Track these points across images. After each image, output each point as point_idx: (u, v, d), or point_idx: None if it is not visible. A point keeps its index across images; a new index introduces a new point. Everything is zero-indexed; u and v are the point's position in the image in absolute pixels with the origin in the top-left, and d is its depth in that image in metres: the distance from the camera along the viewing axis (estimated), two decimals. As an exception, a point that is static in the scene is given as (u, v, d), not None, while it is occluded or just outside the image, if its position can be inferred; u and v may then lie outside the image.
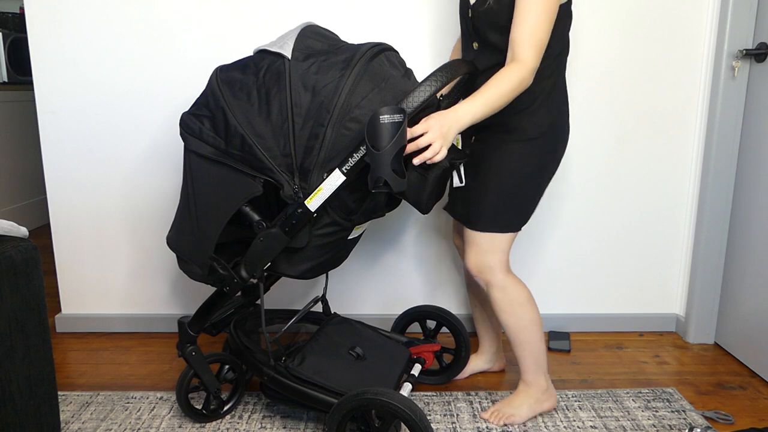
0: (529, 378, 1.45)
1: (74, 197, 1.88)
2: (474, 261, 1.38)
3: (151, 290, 1.96)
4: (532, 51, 1.18)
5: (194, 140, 1.21)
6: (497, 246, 1.36)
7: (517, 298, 1.38)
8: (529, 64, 1.19)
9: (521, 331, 1.40)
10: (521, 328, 1.40)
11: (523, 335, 1.40)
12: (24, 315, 1.06)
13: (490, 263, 1.37)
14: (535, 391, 1.45)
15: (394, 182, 1.07)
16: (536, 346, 1.42)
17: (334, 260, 1.32)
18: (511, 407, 1.45)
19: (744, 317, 1.77)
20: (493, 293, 1.39)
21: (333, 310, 1.96)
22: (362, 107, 1.14)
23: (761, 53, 1.68)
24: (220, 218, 1.21)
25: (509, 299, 1.38)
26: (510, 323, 1.40)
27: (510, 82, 1.18)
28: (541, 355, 1.43)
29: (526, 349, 1.42)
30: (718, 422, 1.47)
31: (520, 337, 1.41)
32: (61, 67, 1.80)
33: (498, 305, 1.39)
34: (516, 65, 1.19)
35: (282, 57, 1.17)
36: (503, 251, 1.37)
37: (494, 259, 1.37)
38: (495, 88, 1.18)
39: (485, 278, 1.38)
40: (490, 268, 1.37)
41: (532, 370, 1.44)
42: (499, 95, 1.17)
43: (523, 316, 1.39)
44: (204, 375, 1.40)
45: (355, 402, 1.22)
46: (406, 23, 1.78)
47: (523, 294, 1.39)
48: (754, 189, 1.73)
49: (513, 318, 1.39)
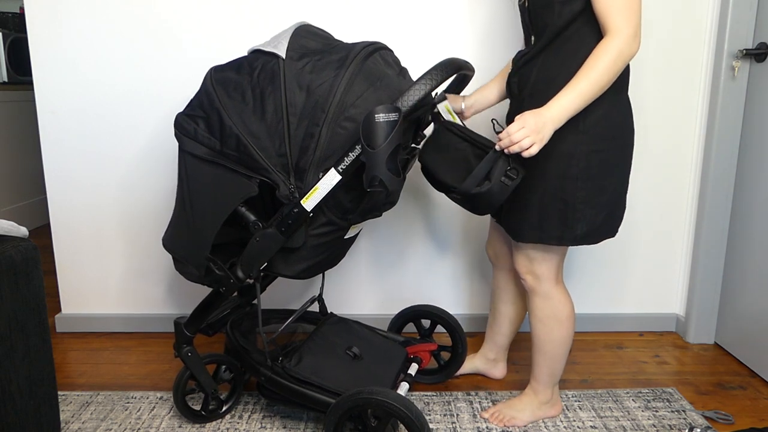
0: (539, 386, 1.43)
1: (74, 197, 1.89)
2: (521, 264, 1.33)
3: (152, 290, 1.97)
4: (623, 14, 1.07)
5: (189, 141, 1.21)
6: (544, 256, 1.29)
7: (557, 314, 1.32)
8: (623, 29, 1.07)
9: (548, 344, 1.36)
10: (550, 341, 1.36)
11: (548, 348, 1.36)
12: (24, 315, 1.06)
13: (536, 272, 1.30)
14: (541, 398, 1.44)
15: (390, 181, 1.07)
16: (558, 362, 1.38)
17: (330, 260, 1.32)
18: (514, 410, 1.44)
19: (744, 317, 1.76)
20: (535, 300, 1.33)
21: (329, 310, 1.96)
22: (357, 106, 1.14)
23: (761, 53, 1.67)
24: (216, 219, 1.21)
25: (549, 312, 1.33)
26: (540, 334, 1.36)
27: (606, 59, 1.07)
28: (558, 371, 1.40)
29: (547, 360, 1.38)
30: (718, 422, 1.46)
31: (545, 349, 1.37)
32: (61, 67, 1.80)
33: (535, 312, 1.34)
34: (608, 37, 1.08)
35: (276, 57, 1.17)
36: (551, 260, 1.29)
37: (541, 269, 1.29)
38: (589, 70, 1.08)
39: (530, 284, 1.33)
40: (536, 276, 1.31)
41: (544, 381, 1.42)
42: (595, 78, 1.08)
43: (556, 331, 1.34)
44: (200, 376, 1.40)
45: (351, 402, 1.22)
46: (403, 23, 1.78)
47: (565, 310, 1.33)
48: (754, 189, 1.72)
49: (545, 330, 1.35)
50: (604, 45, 1.09)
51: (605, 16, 1.09)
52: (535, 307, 1.35)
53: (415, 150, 1.37)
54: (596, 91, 1.10)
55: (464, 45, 1.80)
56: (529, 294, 1.35)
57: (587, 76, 1.09)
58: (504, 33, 1.80)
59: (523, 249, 1.31)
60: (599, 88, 1.10)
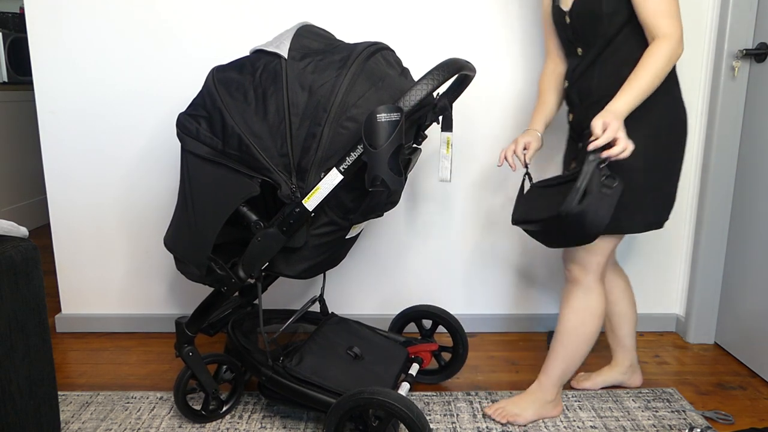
0: (546, 383, 1.43)
1: (74, 197, 1.89)
2: (570, 257, 1.35)
3: (152, 290, 1.96)
4: (670, 20, 1.16)
5: (191, 141, 1.21)
6: (597, 248, 1.31)
7: (594, 308, 1.35)
8: (673, 34, 1.16)
9: (575, 337, 1.37)
10: (578, 334, 1.36)
11: (573, 341, 1.37)
12: (24, 315, 1.06)
13: (586, 263, 1.34)
14: (545, 397, 1.44)
15: (392, 181, 1.07)
16: (576, 360, 1.39)
17: (331, 260, 1.32)
18: (518, 407, 1.44)
19: (744, 317, 1.76)
20: (575, 290, 1.36)
21: (330, 310, 1.96)
22: (359, 106, 1.14)
23: (761, 53, 1.67)
24: (218, 219, 1.21)
25: (587, 304, 1.35)
26: (570, 324, 1.37)
27: (659, 60, 1.16)
28: (572, 370, 1.41)
29: (566, 355, 1.39)
30: (718, 422, 1.46)
31: (569, 341, 1.38)
32: (61, 67, 1.80)
33: (572, 302, 1.36)
34: (659, 41, 1.17)
35: (278, 57, 1.18)
36: (603, 254, 1.33)
37: (592, 261, 1.33)
38: (644, 70, 1.16)
39: (575, 274, 1.35)
40: (585, 267, 1.34)
41: (555, 376, 1.42)
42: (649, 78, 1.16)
43: (587, 325, 1.36)
44: (201, 376, 1.40)
45: (352, 401, 1.22)
46: (404, 23, 1.78)
47: (601, 307, 1.36)
48: (754, 189, 1.72)
49: (578, 322, 1.36)
50: (657, 48, 1.17)
51: (653, 23, 1.18)
52: (573, 297, 1.36)
53: (417, 150, 1.37)
54: (650, 90, 1.18)
55: (465, 45, 1.81)
56: (570, 285, 1.37)
57: (643, 76, 1.17)
58: (505, 33, 1.80)
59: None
60: (653, 87, 1.18)
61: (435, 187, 1.89)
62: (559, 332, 1.40)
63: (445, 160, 1.31)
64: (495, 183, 1.90)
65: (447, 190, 1.90)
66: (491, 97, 1.84)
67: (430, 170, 1.88)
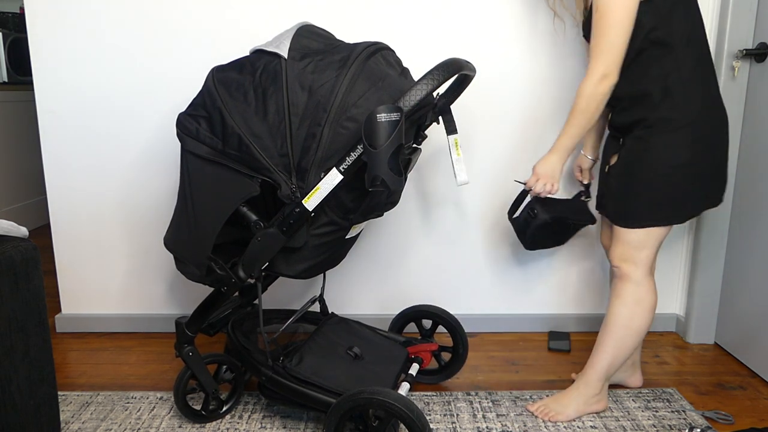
0: (593, 377, 1.43)
1: (74, 197, 1.89)
2: (619, 254, 1.37)
3: (152, 290, 1.96)
4: (598, 56, 1.26)
5: (191, 141, 1.21)
6: (646, 242, 1.34)
7: (645, 301, 1.37)
8: (593, 72, 1.27)
9: (625, 330, 1.37)
10: (628, 327, 1.37)
11: (623, 334, 1.38)
12: (24, 315, 1.06)
13: (635, 258, 1.35)
14: (589, 392, 1.44)
15: (392, 181, 1.07)
16: (625, 353, 1.40)
17: (331, 260, 1.32)
18: (560, 404, 1.45)
19: (744, 317, 1.76)
20: (627, 285, 1.37)
21: (330, 310, 1.96)
22: (359, 106, 1.14)
23: (761, 53, 1.67)
24: (218, 219, 1.21)
25: (638, 297, 1.36)
26: (621, 318, 1.38)
27: (580, 102, 1.29)
28: (619, 364, 1.41)
29: (615, 348, 1.39)
30: (718, 422, 1.46)
31: (619, 334, 1.38)
32: (61, 67, 1.80)
33: (623, 296, 1.37)
34: (584, 77, 1.28)
35: (278, 57, 1.18)
36: (652, 247, 1.35)
37: (641, 255, 1.35)
38: (572, 114, 1.31)
39: (625, 270, 1.36)
40: (634, 262, 1.36)
41: (602, 371, 1.41)
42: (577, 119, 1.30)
43: (638, 319, 1.37)
44: (201, 376, 1.40)
45: (352, 401, 1.22)
46: (404, 23, 1.78)
47: (652, 301, 1.37)
48: (754, 189, 1.72)
49: (628, 314, 1.37)
50: (580, 86, 1.30)
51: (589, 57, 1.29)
52: (624, 292, 1.37)
53: (417, 150, 1.37)
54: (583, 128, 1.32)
55: (465, 45, 1.81)
56: (619, 281, 1.38)
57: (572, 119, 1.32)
58: (508, 32, 1.80)
59: (625, 236, 1.36)
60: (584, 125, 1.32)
61: (435, 188, 1.90)
62: (609, 324, 1.40)
63: (458, 163, 1.32)
64: (495, 183, 1.90)
65: (447, 191, 1.90)
66: (491, 97, 1.84)
67: (430, 170, 1.88)
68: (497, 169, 1.89)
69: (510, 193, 1.90)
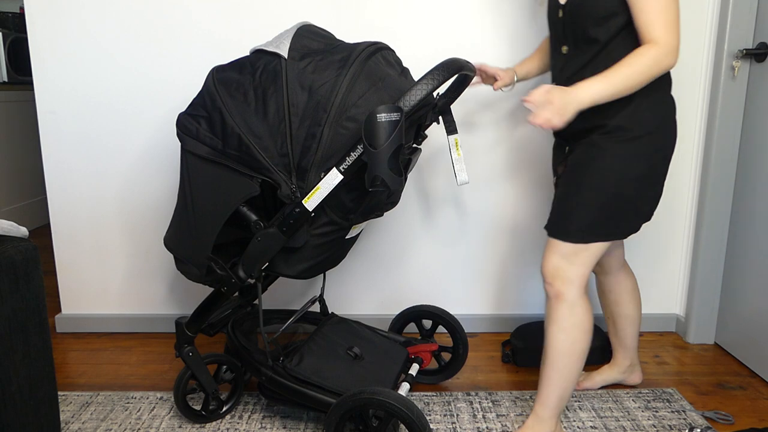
0: (545, 415, 1.31)
1: (74, 197, 1.89)
2: (552, 268, 1.26)
3: (152, 290, 1.96)
4: (667, 29, 1.11)
5: (191, 141, 1.21)
6: (583, 258, 1.24)
7: (582, 324, 1.26)
8: (666, 43, 1.11)
9: (567, 357, 1.27)
10: (570, 354, 1.27)
11: (567, 362, 1.27)
12: (24, 315, 1.06)
13: (569, 275, 1.25)
14: (544, 429, 1.32)
15: (392, 181, 1.07)
16: (572, 381, 1.29)
17: (331, 260, 1.32)
18: None
19: (744, 317, 1.76)
20: (559, 307, 1.26)
21: (330, 310, 1.96)
22: (359, 106, 1.14)
23: (761, 53, 1.67)
24: (218, 219, 1.21)
25: (574, 321, 1.26)
26: (561, 346, 1.27)
27: (643, 62, 1.11)
28: (569, 393, 1.30)
29: (560, 378, 1.28)
30: (718, 422, 1.46)
31: (562, 363, 1.27)
32: (61, 67, 1.80)
33: (559, 322, 1.26)
34: (650, 45, 1.12)
35: (278, 57, 1.18)
36: (588, 265, 1.25)
37: (575, 272, 1.24)
38: (625, 67, 1.12)
39: (558, 288, 1.25)
40: (568, 280, 1.25)
41: (552, 404, 1.30)
42: (628, 76, 1.12)
43: (579, 343, 1.26)
44: (201, 376, 1.40)
45: (352, 402, 1.21)
46: (404, 23, 1.78)
47: (588, 321, 1.27)
48: (754, 189, 1.72)
49: (569, 341, 1.26)
50: (645, 50, 1.13)
51: (650, 26, 1.12)
52: (559, 317, 1.26)
53: (417, 150, 1.37)
54: (625, 89, 1.14)
55: (465, 45, 1.81)
56: (554, 302, 1.27)
57: (622, 72, 1.12)
58: (508, 32, 1.80)
59: (561, 248, 1.26)
60: (629, 88, 1.13)
61: (435, 188, 1.90)
62: (550, 355, 1.29)
63: (458, 163, 1.30)
64: (495, 183, 1.90)
65: (447, 191, 1.90)
66: (491, 97, 1.84)
67: (430, 170, 1.88)
68: (497, 169, 1.89)
69: (510, 193, 1.90)
